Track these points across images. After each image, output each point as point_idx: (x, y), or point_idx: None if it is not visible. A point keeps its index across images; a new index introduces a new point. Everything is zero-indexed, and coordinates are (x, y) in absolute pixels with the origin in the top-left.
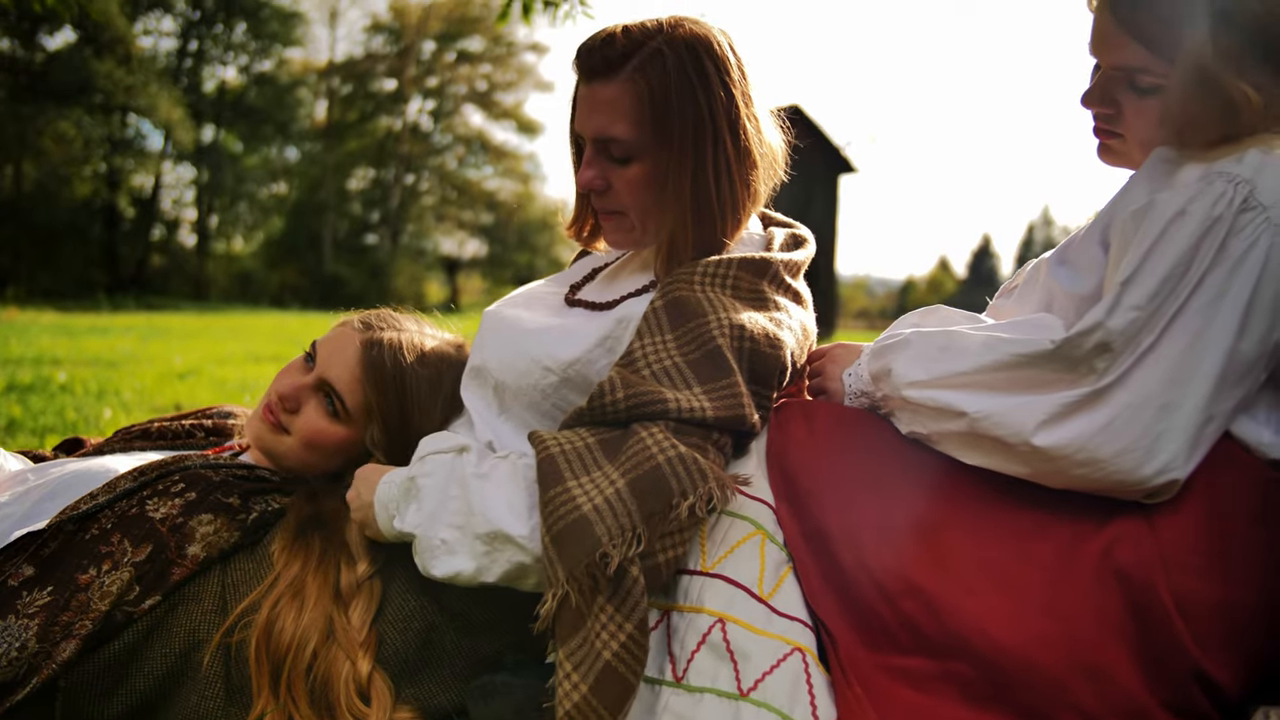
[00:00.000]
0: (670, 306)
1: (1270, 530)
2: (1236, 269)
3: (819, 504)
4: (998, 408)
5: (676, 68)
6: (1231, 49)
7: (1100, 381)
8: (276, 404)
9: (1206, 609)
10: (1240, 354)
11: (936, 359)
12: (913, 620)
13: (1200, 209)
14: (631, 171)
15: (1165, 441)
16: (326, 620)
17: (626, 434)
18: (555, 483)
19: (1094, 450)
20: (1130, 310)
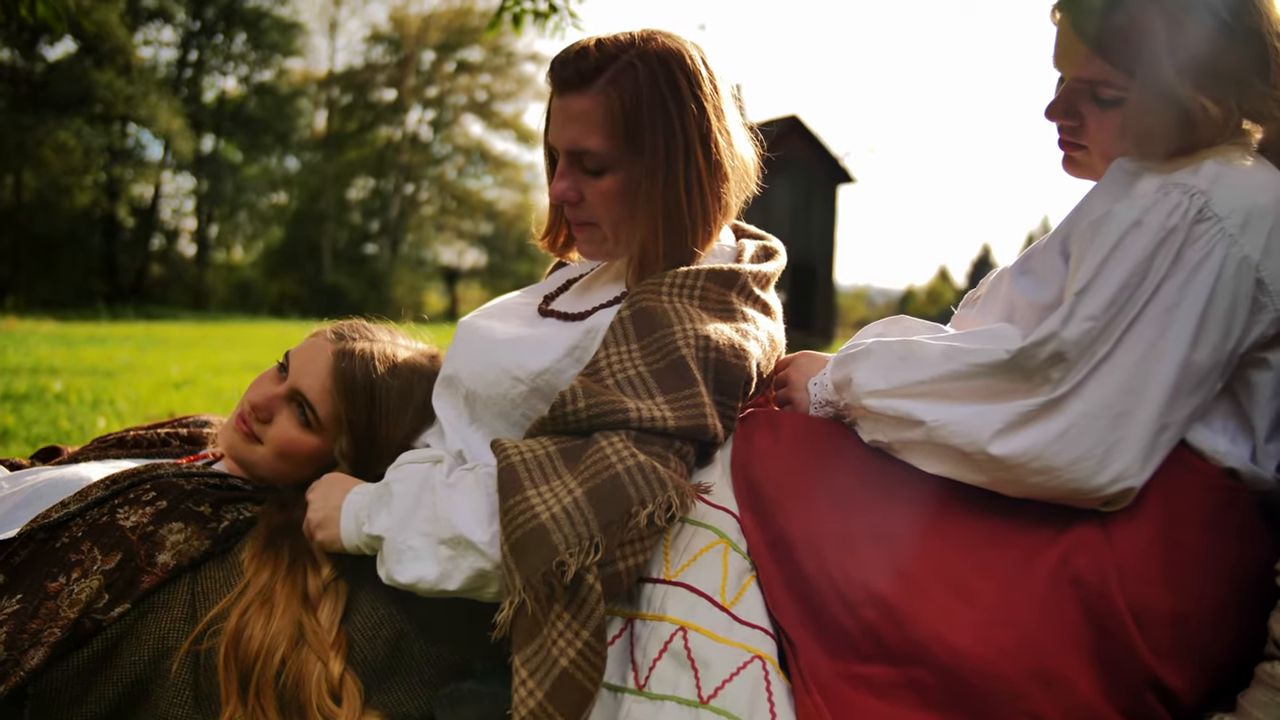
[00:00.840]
0: (637, 316)
1: (1224, 538)
2: (1191, 279)
3: (783, 513)
4: (954, 417)
5: (648, 81)
6: (1189, 62)
7: (1055, 391)
8: (249, 413)
9: (1161, 617)
10: (1194, 364)
11: (896, 368)
12: (874, 628)
13: (1156, 220)
14: (604, 183)
15: (1120, 450)
16: (295, 626)
17: (587, 443)
18: (515, 491)
19: (1049, 459)
20: (1085, 320)
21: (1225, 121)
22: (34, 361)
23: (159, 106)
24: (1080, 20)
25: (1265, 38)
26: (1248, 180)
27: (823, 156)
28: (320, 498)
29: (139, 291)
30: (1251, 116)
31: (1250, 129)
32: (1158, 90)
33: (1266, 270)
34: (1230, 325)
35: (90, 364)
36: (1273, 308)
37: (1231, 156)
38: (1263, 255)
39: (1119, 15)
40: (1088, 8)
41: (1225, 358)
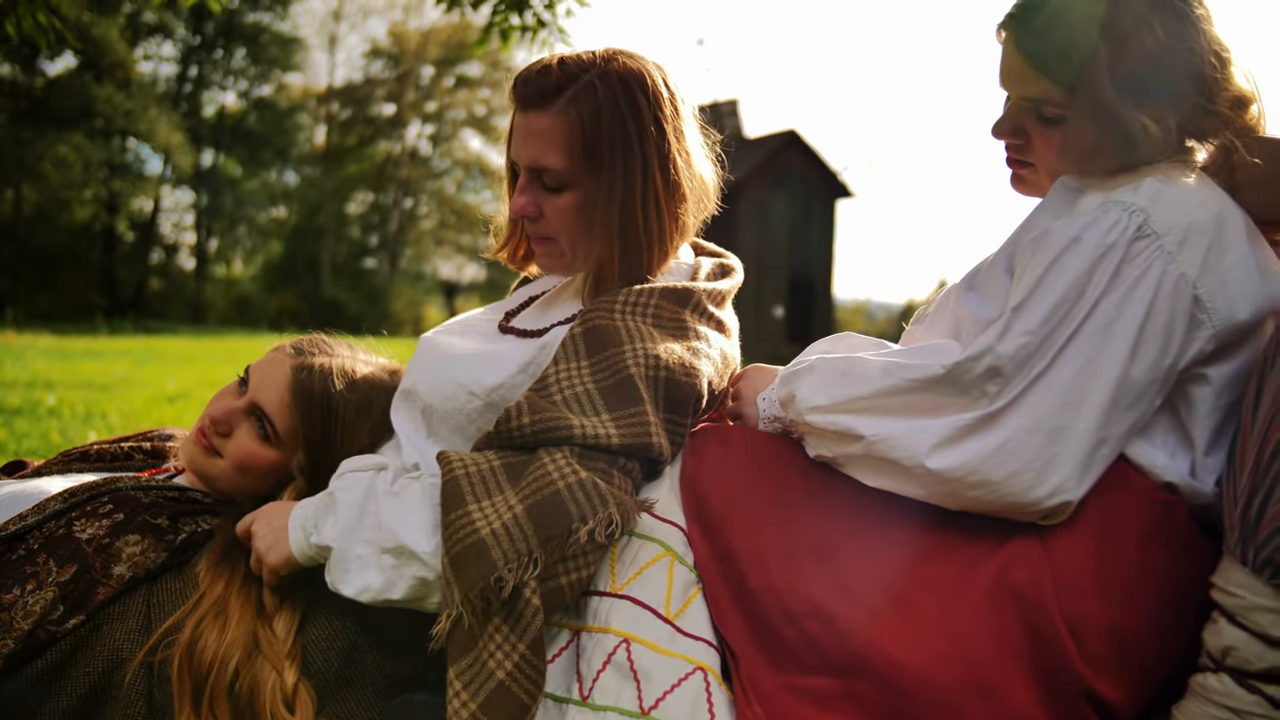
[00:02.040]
0: (588, 334)
1: (1162, 551)
2: (1129, 295)
3: (729, 527)
4: (893, 431)
5: (608, 100)
6: (1129, 81)
7: (992, 405)
8: (209, 427)
9: (1097, 630)
10: (1131, 379)
11: (837, 384)
12: (816, 641)
13: (1094, 237)
14: (563, 200)
15: (1057, 464)
16: (250, 637)
17: (531, 459)
18: (457, 505)
19: (986, 473)
20: (1021, 335)
21: (1166, 140)
22: (30, 375)
23: (158, 121)
24: (1023, 39)
25: (1204, 56)
26: (1187, 198)
27: (821, 171)
28: (264, 525)
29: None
30: (1194, 135)
31: (1194, 147)
32: (1098, 108)
33: (1203, 287)
34: (1168, 342)
35: (86, 378)
36: (1210, 324)
37: (1172, 174)
38: (1200, 272)
39: (1061, 34)
40: (1031, 27)
41: (1163, 374)
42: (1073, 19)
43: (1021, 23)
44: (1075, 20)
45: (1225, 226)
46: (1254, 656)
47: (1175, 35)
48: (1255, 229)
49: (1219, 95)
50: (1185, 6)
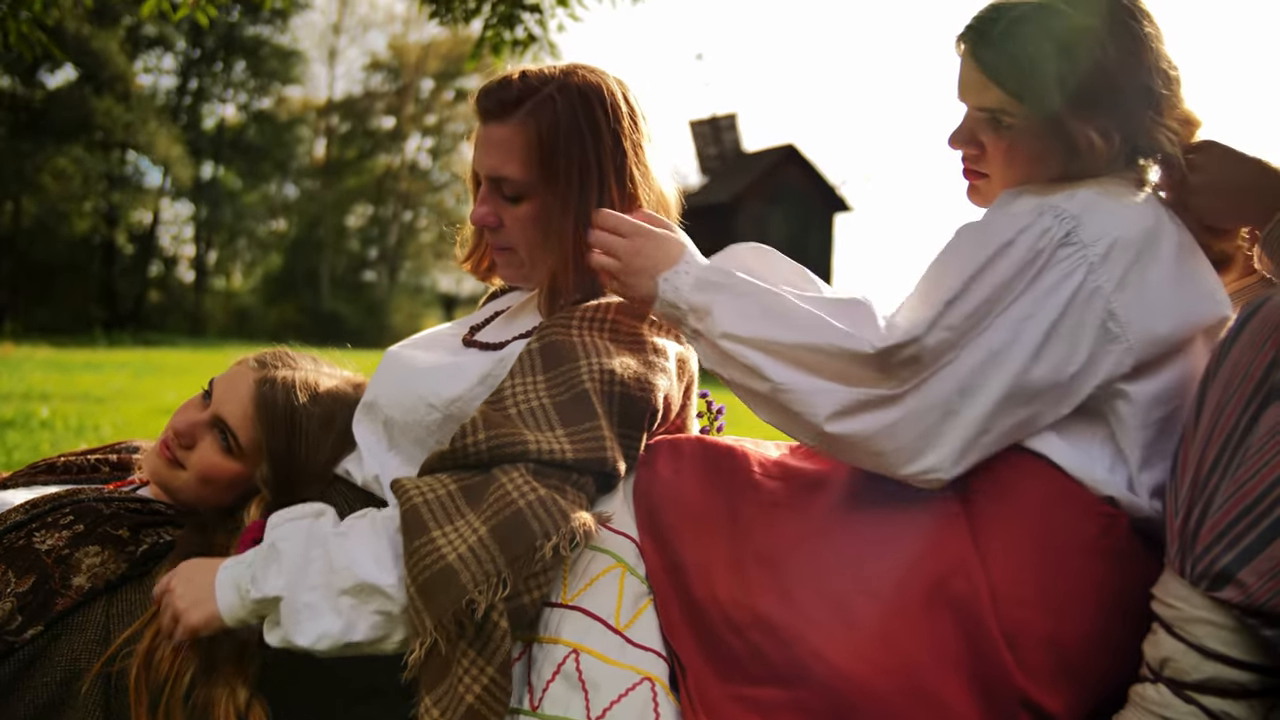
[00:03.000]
0: (545, 349)
1: (1103, 563)
2: (1046, 298)
3: (678, 538)
4: (801, 386)
5: (566, 113)
6: (1079, 94)
7: (900, 388)
8: (173, 439)
9: (1036, 641)
10: (1031, 377)
11: (759, 319)
12: (761, 651)
13: (1026, 241)
14: (521, 210)
15: (938, 445)
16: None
17: (488, 479)
18: (420, 533)
19: (875, 444)
20: (946, 330)
21: (1112, 154)
22: (26, 388)
23: (158, 133)
24: (980, 50)
25: (1153, 73)
26: (1121, 211)
27: (819, 185)
28: (183, 583)
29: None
30: (1145, 151)
31: (1145, 165)
32: (1046, 118)
33: (1118, 301)
34: (1074, 348)
35: (83, 390)
36: (1124, 339)
37: (1112, 187)
38: (1116, 287)
39: (1015, 46)
40: (987, 39)
41: (1065, 379)
42: (1027, 32)
43: (979, 35)
44: (1029, 33)
45: (1154, 243)
46: (1190, 667)
47: (1125, 51)
48: (1193, 248)
49: (1168, 113)
50: (1136, 24)
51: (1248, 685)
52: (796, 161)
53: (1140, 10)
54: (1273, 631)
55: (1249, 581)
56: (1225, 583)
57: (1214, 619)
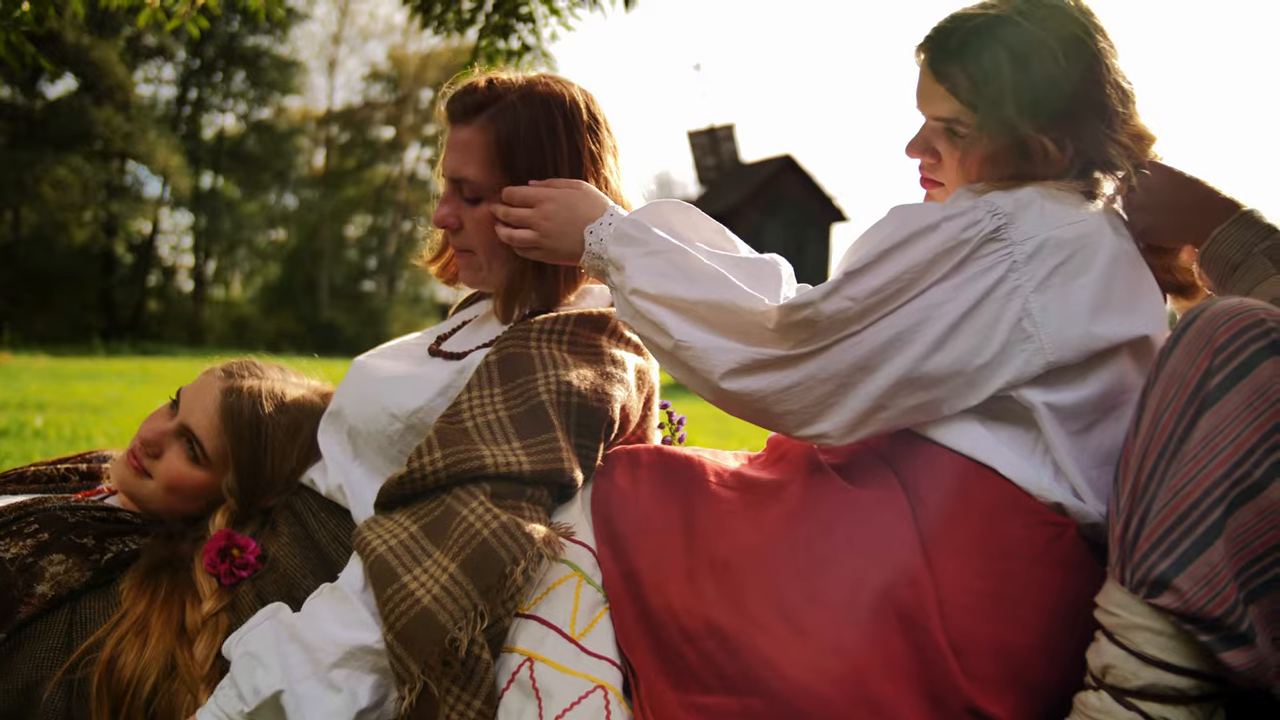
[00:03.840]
0: (503, 362)
1: (1051, 571)
2: (961, 288)
3: (634, 547)
4: (699, 343)
5: (527, 119)
6: (1031, 103)
7: (796, 350)
8: (139, 449)
9: (983, 649)
10: (933, 363)
11: (668, 275)
12: (713, 659)
13: (952, 228)
14: (479, 211)
15: (831, 414)
16: (168, 656)
17: (447, 514)
18: (390, 581)
19: (768, 405)
20: (844, 300)
21: (1064, 162)
22: (22, 397)
23: (157, 143)
24: (936, 61)
25: (1104, 86)
26: (1058, 214)
27: (817, 195)
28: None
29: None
30: (1098, 165)
31: (1100, 178)
32: (999, 124)
33: (1036, 302)
34: (984, 342)
35: (79, 399)
36: (1036, 339)
37: (1055, 191)
38: (1037, 288)
39: (970, 57)
40: (944, 50)
41: (971, 370)
42: (983, 43)
43: (936, 45)
44: (984, 44)
45: (1089, 251)
46: (1130, 674)
47: (1079, 65)
48: (1134, 263)
49: (1120, 127)
50: (1091, 39)
51: (1186, 691)
52: (794, 172)
53: (1095, 25)
54: (1209, 637)
55: (1185, 588)
56: (1162, 589)
57: (1152, 625)
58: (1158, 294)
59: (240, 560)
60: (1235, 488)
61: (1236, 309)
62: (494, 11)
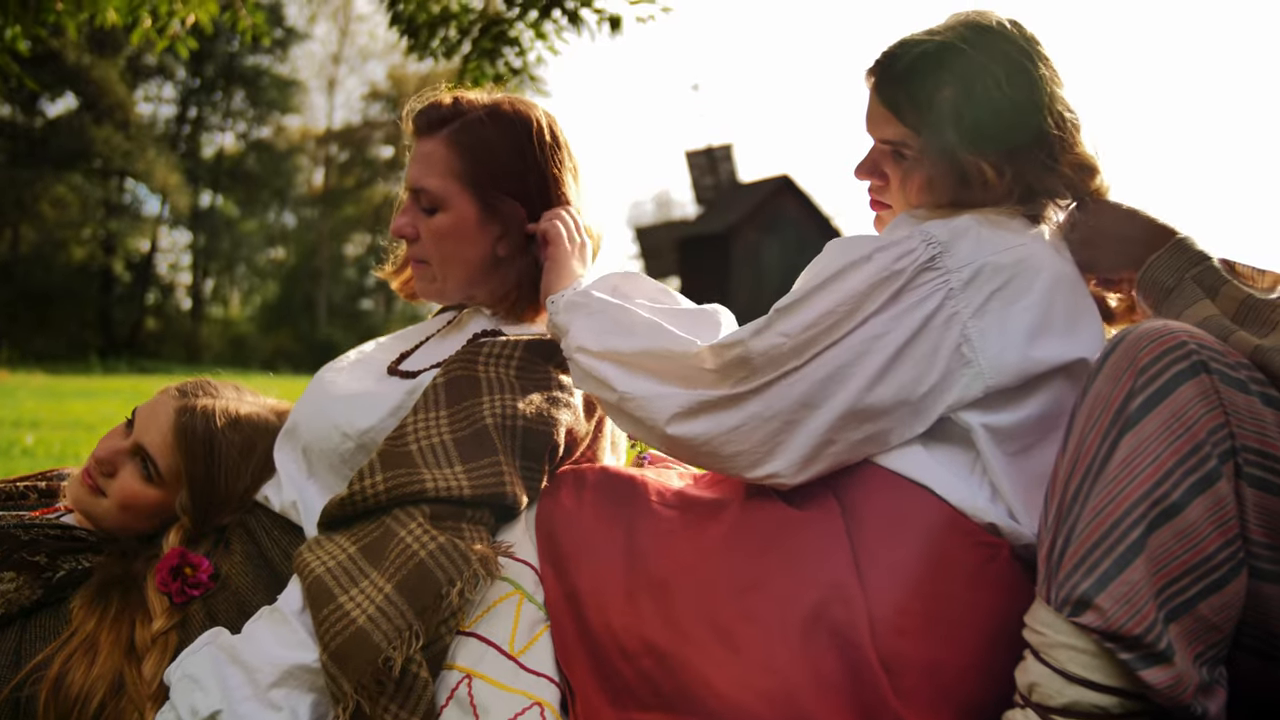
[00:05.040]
0: (450, 384)
1: (985, 592)
2: (901, 317)
3: (575, 566)
4: (643, 393)
5: (489, 134)
6: (972, 128)
7: (736, 389)
8: (94, 467)
9: (914, 667)
10: (875, 395)
11: (608, 331)
12: (650, 677)
13: (883, 260)
14: (435, 221)
15: (781, 453)
16: (116, 674)
17: (386, 535)
18: (327, 601)
19: (716, 448)
20: (777, 336)
21: (1004, 189)
22: (16, 415)
23: (156, 162)
24: (883, 85)
25: (1047, 115)
26: (994, 240)
27: (814, 215)
28: None
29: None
30: (1040, 192)
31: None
32: (940, 148)
33: (974, 327)
34: (925, 370)
35: (74, 417)
36: (976, 364)
37: (994, 217)
38: (975, 313)
39: (915, 81)
40: (891, 74)
41: (915, 399)
42: (928, 68)
43: (884, 70)
44: (930, 69)
45: (1028, 275)
46: (1055, 692)
47: (1021, 92)
48: (1074, 288)
49: (1062, 155)
50: (1034, 67)
51: (1109, 709)
52: (792, 192)
53: (1040, 54)
54: (1129, 655)
55: (1106, 606)
56: (1085, 608)
57: (1076, 644)
58: (1097, 318)
59: (193, 579)
60: (1154, 508)
61: (1160, 331)
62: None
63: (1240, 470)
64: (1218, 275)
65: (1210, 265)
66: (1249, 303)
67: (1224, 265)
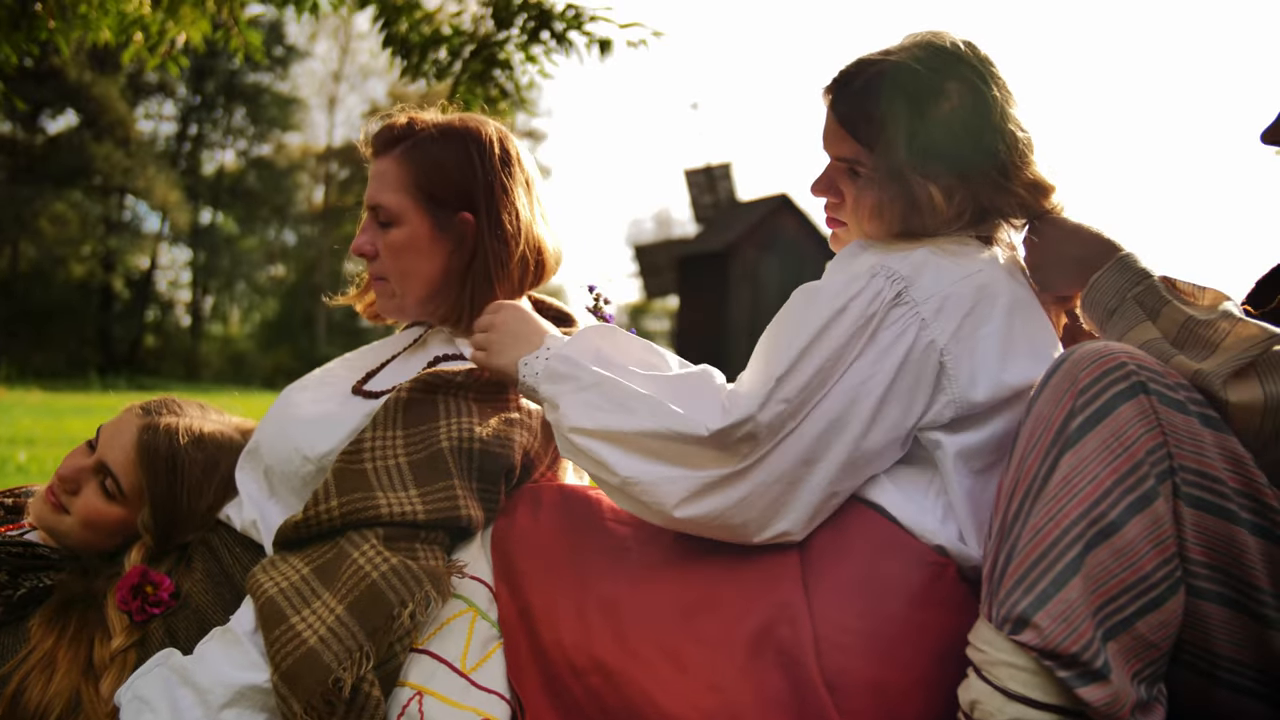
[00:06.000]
0: (408, 405)
1: (930, 611)
2: (882, 358)
3: (529, 584)
4: (647, 477)
5: (441, 150)
6: (924, 150)
7: (741, 464)
8: (58, 485)
9: (858, 686)
10: (871, 440)
11: (603, 409)
12: (598, 695)
13: (858, 306)
14: (392, 235)
15: (787, 512)
16: (73, 692)
17: (339, 556)
18: (279, 622)
19: (725, 520)
20: (780, 404)
21: (954, 212)
22: (12, 432)
23: (156, 179)
24: (838, 103)
25: (999, 136)
26: (954, 270)
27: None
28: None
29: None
30: (993, 212)
31: (999, 223)
32: (890, 171)
33: (950, 354)
34: (911, 404)
35: (71, 434)
36: (951, 390)
37: (950, 247)
38: (949, 340)
39: (868, 100)
40: (846, 92)
41: (903, 435)
42: (882, 88)
43: (840, 87)
44: (884, 88)
45: (987, 301)
46: (995, 709)
47: (972, 113)
48: (1030, 308)
49: (1015, 176)
50: (985, 88)
51: None
52: (790, 210)
53: (992, 74)
54: (1066, 673)
55: (1044, 625)
56: (1023, 626)
57: (1015, 661)
58: (1055, 339)
59: (153, 598)
60: (1092, 527)
61: (1101, 352)
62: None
63: (1178, 490)
64: (1159, 296)
65: (1152, 284)
66: (1189, 325)
67: (1165, 283)
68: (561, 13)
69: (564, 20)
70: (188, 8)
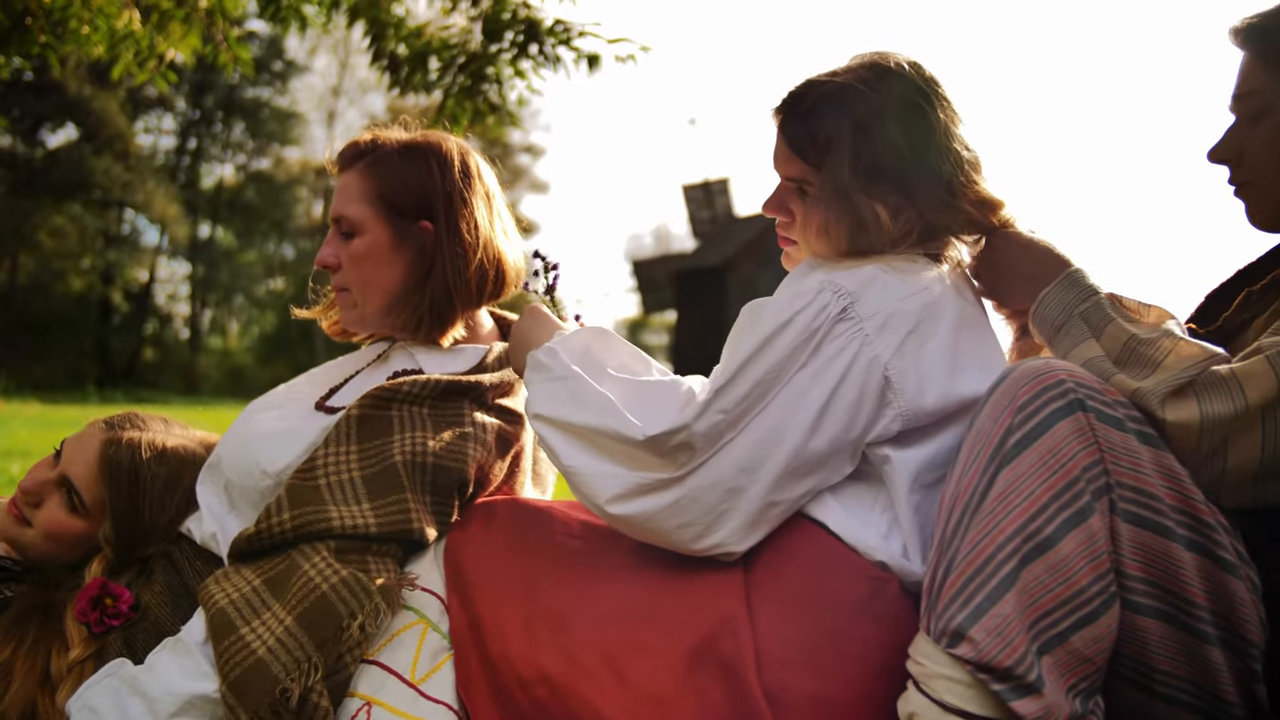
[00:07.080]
0: (363, 420)
1: (872, 626)
2: (822, 371)
3: (479, 596)
4: (586, 469)
5: (402, 163)
6: (869, 170)
7: (678, 472)
8: (20, 498)
9: (799, 700)
10: (810, 450)
11: (562, 400)
12: (544, 706)
13: (802, 320)
14: (354, 245)
15: (725, 522)
16: (28, 703)
17: (290, 568)
18: (228, 632)
19: (659, 523)
20: (717, 414)
21: (900, 231)
22: (7, 444)
23: (156, 192)
24: (787, 123)
25: (945, 155)
26: (899, 287)
27: None
28: None
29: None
30: (943, 231)
31: (949, 240)
32: (835, 191)
33: (895, 369)
34: (854, 418)
35: None
36: (897, 405)
37: (897, 264)
38: (893, 355)
39: (815, 120)
40: (794, 112)
41: (847, 446)
42: (827, 108)
43: (788, 108)
44: (829, 109)
45: (933, 317)
46: None
47: (917, 134)
48: (977, 324)
49: (962, 194)
50: (930, 109)
51: None
52: None
53: (938, 94)
54: (1001, 686)
55: (979, 638)
56: (959, 639)
57: (952, 674)
58: (1002, 355)
59: (112, 609)
60: (1027, 543)
61: (1041, 369)
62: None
63: (1115, 506)
64: (1104, 313)
65: (1098, 301)
66: (1131, 343)
67: (1111, 300)
68: (550, 28)
69: (553, 35)
70: (177, 24)
